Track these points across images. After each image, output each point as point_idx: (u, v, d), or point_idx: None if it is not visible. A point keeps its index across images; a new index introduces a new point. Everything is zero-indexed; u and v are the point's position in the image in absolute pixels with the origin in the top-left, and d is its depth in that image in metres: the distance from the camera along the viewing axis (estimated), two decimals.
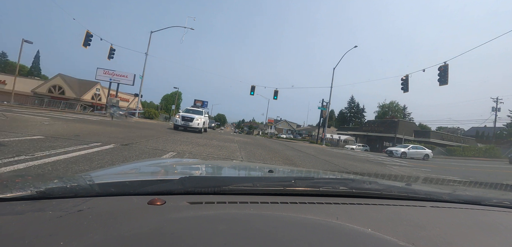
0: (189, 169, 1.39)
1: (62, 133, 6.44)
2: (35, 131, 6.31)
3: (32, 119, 9.52)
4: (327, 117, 31.53)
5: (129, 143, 6.29)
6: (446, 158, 29.64)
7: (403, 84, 17.18)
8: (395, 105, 65.84)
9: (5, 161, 3.20)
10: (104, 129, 9.00)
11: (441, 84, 14.21)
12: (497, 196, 1.13)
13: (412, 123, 49.09)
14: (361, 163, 10.86)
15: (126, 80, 32.72)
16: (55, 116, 13.43)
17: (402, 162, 15.64)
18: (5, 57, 69.51)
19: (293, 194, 0.79)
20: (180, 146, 7.48)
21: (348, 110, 73.33)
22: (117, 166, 1.32)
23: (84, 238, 0.43)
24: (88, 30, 18.44)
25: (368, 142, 44.90)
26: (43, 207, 0.53)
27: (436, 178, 7.66)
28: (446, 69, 13.89)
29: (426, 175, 8.81)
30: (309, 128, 73.68)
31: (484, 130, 48.43)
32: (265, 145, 14.03)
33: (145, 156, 5.03)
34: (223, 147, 8.99)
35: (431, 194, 1.00)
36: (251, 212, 0.63)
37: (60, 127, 8.13)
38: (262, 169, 1.72)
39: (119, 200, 0.62)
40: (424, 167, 12.56)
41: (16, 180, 0.66)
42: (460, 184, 4.23)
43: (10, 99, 25.95)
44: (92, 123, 11.38)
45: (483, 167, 16.32)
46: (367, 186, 0.93)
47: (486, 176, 10.36)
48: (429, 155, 23.27)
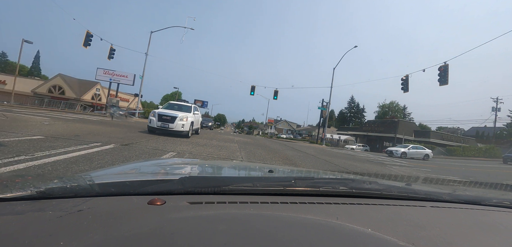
0: (189, 169, 1.39)
1: (62, 133, 6.44)
2: (35, 131, 6.32)
3: (32, 120, 9.52)
4: (327, 118, 31.52)
5: (129, 143, 6.29)
6: (446, 158, 29.65)
7: (403, 84, 17.18)
8: (395, 105, 65.83)
9: (5, 161, 3.20)
10: (104, 129, 9.00)
11: (441, 84, 14.21)
12: (497, 196, 1.13)
13: (412, 123, 49.08)
14: (361, 163, 10.86)
15: (126, 80, 32.74)
16: (55, 116, 13.43)
17: (402, 162, 15.64)
18: (5, 57, 69.51)
19: (293, 194, 0.79)
20: (180, 145, 7.48)
21: (348, 110, 73.34)
22: (117, 166, 1.33)
23: (84, 238, 0.43)
24: (88, 30, 18.44)
25: (368, 142, 44.89)
26: (43, 207, 0.53)
27: (436, 178, 7.66)
28: (446, 69, 13.89)
29: (426, 175, 8.81)
30: (309, 128, 73.67)
31: (484, 130, 48.40)
32: (265, 145, 14.03)
33: (145, 156, 5.03)
34: (223, 147, 8.99)
35: (431, 194, 1.00)
36: (251, 212, 0.63)
37: (60, 127, 8.13)
38: (262, 169, 1.72)
39: (119, 200, 0.62)
40: (424, 167, 12.56)
41: (16, 180, 0.66)
42: (460, 184, 4.23)
43: (10, 99, 25.96)
44: (92, 123, 11.38)
45: (483, 167, 16.33)
46: (367, 186, 0.93)
47: (486, 176, 10.35)
48: (429, 155, 23.27)
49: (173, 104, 11.65)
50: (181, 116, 9.78)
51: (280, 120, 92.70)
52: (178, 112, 10.10)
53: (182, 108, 11.13)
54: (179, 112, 10.05)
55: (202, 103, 67.42)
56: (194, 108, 11.75)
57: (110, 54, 21.85)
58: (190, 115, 10.51)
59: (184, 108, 11.21)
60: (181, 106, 11.34)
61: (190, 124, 10.27)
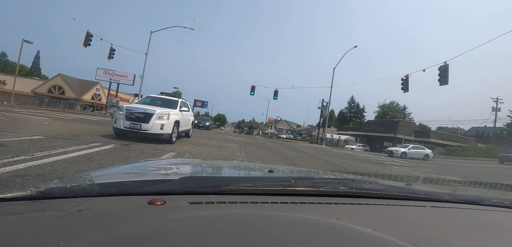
0: (189, 169, 1.39)
1: (61, 133, 6.44)
2: (35, 131, 6.32)
3: (32, 120, 9.52)
4: (327, 118, 31.52)
5: (129, 143, 6.29)
6: (446, 158, 29.64)
7: (403, 84, 17.17)
8: (395, 105, 65.82)
9: (5, 161, 3.20)
10: (103, 129, 9.00)
11: (441, 84, 14.19)
12: (497, 196, 1.13)
13: (412, 123, 49.06)
14: (361, 163, 10.86)
15: (126, 80, 32.77)
16: (55, 116, 13.43)
17: (402, 162, 15.64)
18: (5, 57, 69.54)
19: (293, 194, 0.79)
20: (180, 145, 7.47)
21: (348, 110, 73.35)
22: (117, 166, 1.34)
23: (84, 238, 0.43)
24: (88, 30, 18.42)
25: (368, 142, 44.86)
26: (43, 207, 0.53)
27: (436, 178, 7.66)
28: (446, 69, 13.88)
29: (426, 175, 8.81)
30: (309, 128, 73.63)
31: (484, 130, 48.39)
32: (265, 145, 14.03)
33: (145, 156, 5.02)
34: (223, 147, 8.99)
35: (431, 194, 1.00)
36: (251, 212, 0.63)
37: (59, 127, 8.13)
38: (262, 169, 1.72)
39: (119, 200, 0.62)
40: (424, 167, 12.56)
41: (16, 180, 0.66)
42: (460, 184, 4.22)
43: (10, 99, 25.96)
44: (92, 123, 11.38)
45: (483, 167, 16.33)
46: (367, 186, 0.93)
47: (485, 176, 10.35)
48: (429, 155, 23.26)
49: (155, 98, 8.83)
50: (159, 113, 7.04)
51: (280, 120, 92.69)
52: (156, 108, 7.33)
53: (165, 103, 8.55)
54: (158, 109, 7.31)
55: (202, 103, 67.53)
56: (182, 103, 9.06)
57: (110, 54, 21.85)
58: (174, 112, 7.76)
59: (167, 102, 8.63)
60: (164, 101, 8.71)
61: (174, 124, 7.51)
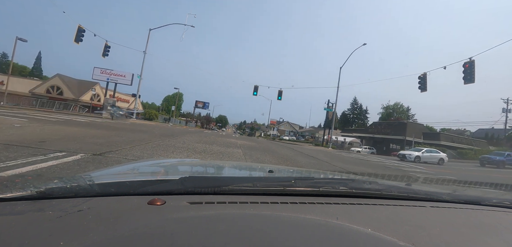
0: (189, 169, 1.39)
1: (25, 139, 5.19)
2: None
3: (2, 122, 8.30)
4: (333, 119, 30.24)
5: (105, 152, 4.99)
6: (460, 161, 28.22)
7: (421, 83, 15.84)
8: (399, 107, 64.37)
9: None
10: (85, 132, 7.77)
11: (466, 83, 12.91)
12: (497, 196, 1.15)
13: (420, 125, 47.27)
14: (382, 170, 9.54)
15: (124, 80, 31.69)
16: (39, 117, 12.23)
17: (417, 167, 14.28)
18: (6, 58, 69.02)
19: (293, 194, 0.79)
20: (173, 153, 6.21)
21: (351, 112, 71.99)
22: (117, 166, 1.30)
23: (84, 238, 0.43)
24: (80, 25, 17.25)
25: (374, 144, 43.42)
26: (43, 207, 0.53)
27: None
28: (472, 65, 12.55)
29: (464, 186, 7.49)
30: (312, 130, 72.32)
31: (493, 132, 46.96)
32: (271, 149, 12.74)
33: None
34: (225, 154, 7.70)
35: (431, 194, 1.01)
36: (251, 212, 0.62)
37: (31, 130, 6.89)
38: (262, 169, 1.72)
39: (119, 200, 0.61)
40: (447, 174, 11.19)
41: (16, 180, 0.66)
42: (460, 184, 4.05)
43: (6, 100, 24.98)
44: (76, 125, 10.13)
45: (506, 173, 14.91)
46: (367, 186, 0.93)
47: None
48: (444, 159, 21.92)
49: None
50: None
51: (282, 121, 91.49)
52: None
53: None
54: None
55: (204, 104, 66.74)
56: None
57: (105, 51, 20.67)
58: None
59: None
60: None
61: None
